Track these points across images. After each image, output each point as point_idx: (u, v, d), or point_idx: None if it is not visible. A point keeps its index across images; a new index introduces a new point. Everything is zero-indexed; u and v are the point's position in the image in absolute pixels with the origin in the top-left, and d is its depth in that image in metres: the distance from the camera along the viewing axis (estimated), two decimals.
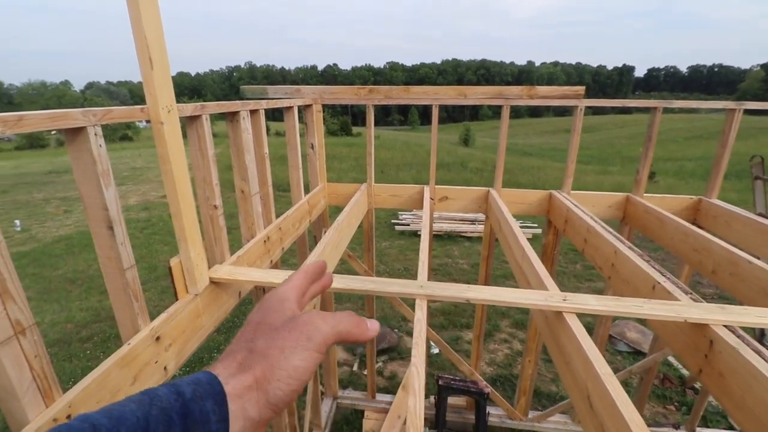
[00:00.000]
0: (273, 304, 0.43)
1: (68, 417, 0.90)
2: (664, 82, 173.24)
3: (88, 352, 4.94)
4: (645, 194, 2.76)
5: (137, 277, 1.15)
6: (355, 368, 4.67)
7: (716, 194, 2.75)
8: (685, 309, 1.25)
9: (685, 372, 4.50)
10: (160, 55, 0.98)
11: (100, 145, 0.93)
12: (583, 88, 2.44)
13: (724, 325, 1.19)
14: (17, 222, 9.53)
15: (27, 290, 0.87)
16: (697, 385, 4.29)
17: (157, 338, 1.19)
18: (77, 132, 0.90)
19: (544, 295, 1.30)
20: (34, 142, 34.43)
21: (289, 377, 0.36)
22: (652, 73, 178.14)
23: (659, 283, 1.50)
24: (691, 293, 1.42)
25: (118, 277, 1.10)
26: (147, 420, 0.29)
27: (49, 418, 0.87)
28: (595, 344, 1.12)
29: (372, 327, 0.44)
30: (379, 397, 3.99)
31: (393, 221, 9.71)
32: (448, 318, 5.63)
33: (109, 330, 5.36)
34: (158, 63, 0.98)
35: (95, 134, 0.92)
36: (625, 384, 4.09)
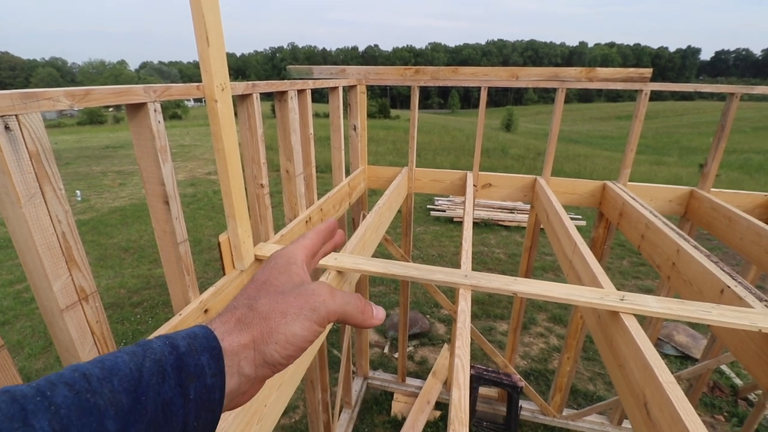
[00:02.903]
0: (280, 265, 0.42)
1: None
2: (733, 66, 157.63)
3: (138, 316, 5.31)
4: (712, 189, 2.53)
5: (189, 251, 1.18)
6: (386, 350, 4.72)
7: None
8: (761, 318, 1.13)
9: (738, 381, 4.21)
10: (216, 33, 0.98)
11: (159, 122, 0.95)
12: (650, 70, 2.23)
13: None
14: (78, 192, 10.29)
15: (86, 257, 0.92)
16: (752, 397, 4.01)
17: (206, 311, 1.23)
18: (138, 108, 0.92)
19: (599, 293, 1.21)
20: (93, 118, 36.84)
21: (287, 342, 0.35)
22: (720, 56, 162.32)
23: (729, 287, 1.37)
24: (766, 300, 1.29)
25: (172, 250, 1.13)
26: (140, 371, 0.29)
27: None
28: None
29: (377, 315, 0.43)
30: (409, 381, 4.03)
31: (428, 206, 9.61)
32: (481, 308, 5.55)
33: (158, 297, 5.72)
34: (214, 41, 0.98)
35: (155, 110, 0.93)
36: None
